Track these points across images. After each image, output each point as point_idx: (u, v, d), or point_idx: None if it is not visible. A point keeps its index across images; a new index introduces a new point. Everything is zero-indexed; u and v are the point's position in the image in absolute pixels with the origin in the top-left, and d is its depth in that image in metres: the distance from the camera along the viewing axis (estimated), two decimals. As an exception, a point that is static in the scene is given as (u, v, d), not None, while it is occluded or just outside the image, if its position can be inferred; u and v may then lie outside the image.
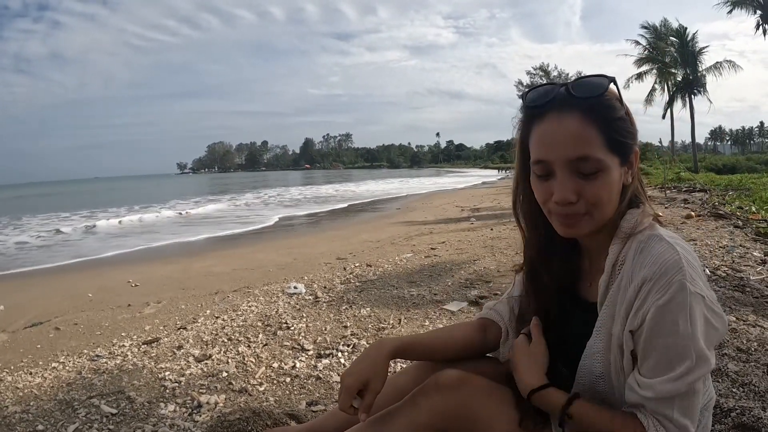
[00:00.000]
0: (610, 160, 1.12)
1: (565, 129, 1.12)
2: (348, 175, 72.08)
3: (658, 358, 1.06)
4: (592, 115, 1.11)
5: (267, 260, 7.34)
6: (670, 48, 34.15)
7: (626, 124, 1.15)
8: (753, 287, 3.79)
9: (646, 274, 1.07)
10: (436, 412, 1.28)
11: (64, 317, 4.42)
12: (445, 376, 1.32)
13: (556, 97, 1.15)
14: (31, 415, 2.32)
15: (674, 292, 1.03)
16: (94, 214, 21.10)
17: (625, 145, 1.14)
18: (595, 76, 1.16)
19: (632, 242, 1.15)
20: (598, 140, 1.11)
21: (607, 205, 1.15)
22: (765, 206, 9.12)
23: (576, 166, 1.12)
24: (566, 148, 1.11)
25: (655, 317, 1.05)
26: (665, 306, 1.03)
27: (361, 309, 3.82)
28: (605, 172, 1.12)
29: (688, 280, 1.03)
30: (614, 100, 1.15)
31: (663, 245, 1.10)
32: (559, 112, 1.13)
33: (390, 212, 16.40)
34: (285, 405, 2.34)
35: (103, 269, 7.83)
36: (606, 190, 1.13)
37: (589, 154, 1.10)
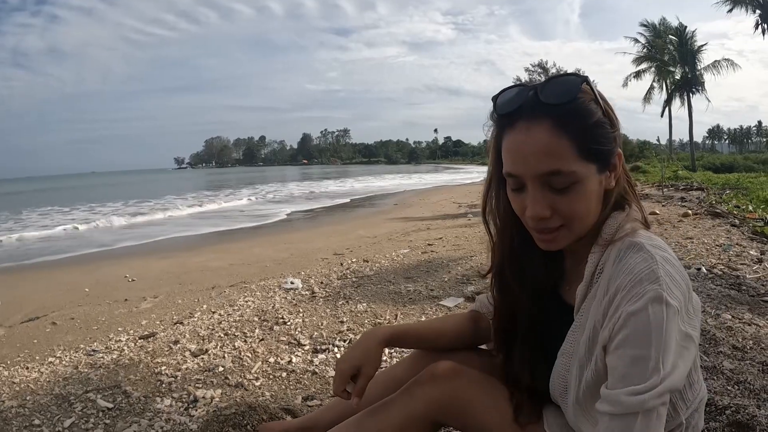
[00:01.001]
0: (585, 169, 1.05)
1: (533, 142, 1.05)
2: (345, 171, 71.88)
3: (626, 370, 0.95)
4: (563, 124, 1.04)
5: (264, 255, 7.35)
6: (669, 46, 34.23)
7: (603, 128, 1.08)
8: (749, 285, 3.81)
9: (620, 283, 1.00)
10: (431, 403, 1.30)
11: (61, 312, 4.43)
12: (441, 367, 1.33)
13: (524, 104, 1.07)
14: (28, 410, 2.33)
15: (647, 301, 0.95)
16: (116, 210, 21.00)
17: (602, 151, 1.07)
18: (566, 75, 1.09)
19: (612, 250, 1.09)
20: (570, 151, 1.04)
21: (585, 216, 1.09)
22: (762, 205, 9.16)
23: (547, 181, 1.05)
24: (535, 162, 1.05)
25: (625, 326, 0.96)
26: (637, 315, 0.95)
27: (358, 304, 3.83)
28: (580, 183, 1.05)
29: (664, 290, 0.95)
30: (588, 102, 1.07)
31: (641, 254, 1.02)
32: (528, 122, 1.06)
33: (387, 208, 16.41)
34: (281, 400, 2.35)
35: (100, 264, 7.83)
36: (582, 202, 1.07)
37: (560, 168, 1.03)
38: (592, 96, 1.08)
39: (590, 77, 1.09)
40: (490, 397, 1.30)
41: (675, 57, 33.98)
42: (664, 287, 0.95)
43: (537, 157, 1.04)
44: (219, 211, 18.32)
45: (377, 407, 1.36)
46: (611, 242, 1.09)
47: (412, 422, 1.30)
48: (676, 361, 0.95)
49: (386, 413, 1.33)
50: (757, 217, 7.51)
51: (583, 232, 1.12)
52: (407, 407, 1.31)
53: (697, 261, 4.66)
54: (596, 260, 1.11)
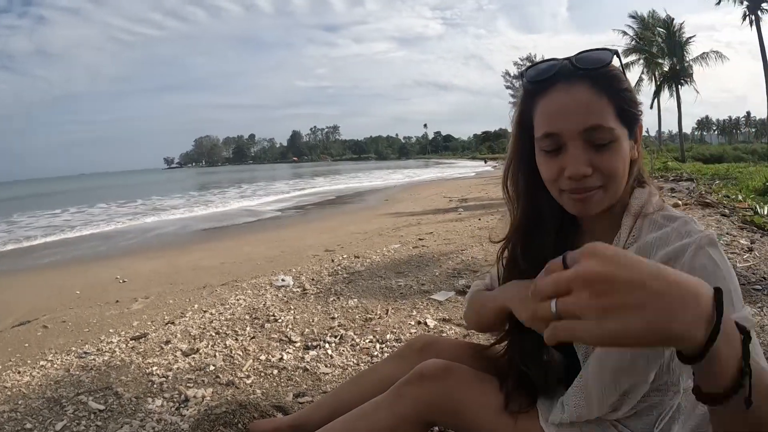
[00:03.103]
0: (620, 130, 1.08)
1: (575, 99, 1.07)
2: (336, 169, 71.78)
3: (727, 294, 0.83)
4: (600, 85, 1.07)
5: (255, 253, 7.33)
6: (657, 38, 34.38)
7: (632, 95, 1.11)
8: (740, 274, 3.84)
9: (671, 248, 1.02)
10: (421, 403, 1.30)
11: (52, 315, 4.41)
12: (429, 366, 1.33)
13: (561, 70, 1.10)
14: (20, 414, 2.33)
15: (708, 246, 0.97)
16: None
17: (633, 116, 1.11)
18: (598, 49, 1.12)
19: (644, 220, 1.12)
20: (609, 109, 1.07)
21: (621, 177, 1.11)
22: (751, 195, 9.22)
23: (589, 137, 1.07)
24: (578, 117, 1.06)
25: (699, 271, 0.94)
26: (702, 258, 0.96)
27: (349, 300, 3.84)
28: (617, 142, 1.08)
29: (713, 235, 1.00)
30: (619, 71, 1.11)
31: (680, 220, 1.06)
32: (567, 84, 1.08)
33: (378, 203, 16.39)
34: (272, 397, 2.36)
35: (91, 265, 7.79)
36: (620, 161, 1.09)
37: (601, 123, 1.06)
38: (620, 69, 1.12)
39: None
40: (481, 394, 1.30)
41: (663, 49, 34.19)
42: (713, 233, 1.00)
43: (580, 112, 1.06)
44: (214, 214, 18.25)
45: (367, 408, 1.36)
46: (642, 213, 1.12)
47: (402, 423, 1.30)
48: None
49: (376, 414, 1.33)
50: (747, 207, 7.56)
51: (616, 197, 1.12)
52: (397, 408, 1.31)
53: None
54: (629, 227, 1.13)
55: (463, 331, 3.06)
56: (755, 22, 28.45)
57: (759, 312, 3.03)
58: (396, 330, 3.14)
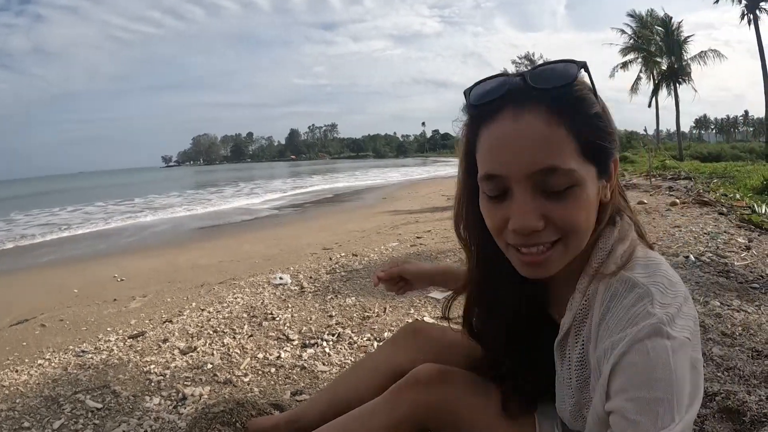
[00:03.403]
0: (584, 170, 0.88)
1: (524, 131, 0.86)
2: (334, 167, 71.77)
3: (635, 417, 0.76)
4: (559, 111, 0.85)
5: (253, 251, 7.35)
6: (656, 37, 34.47)
7: (604, 122, 0.90)
8: (737, 273, 3.84)
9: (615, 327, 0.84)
10: (416, 409, 1.27)
11: (50, 314, 4.42)
12: (424, 371, 1.31)
13: (511, 89, 0.88)
14: (17, 413, 2.33)
15: (645, 337, 0.78)
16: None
17: (603, 150, 0.90)
18: (560, 61, 0.90)
19: (600, 284, 0.92)
20: (569, 145, 0.86)
21: (585, 231, 0.91)
22: (749, 193, 9.22)
23: (540, 182, 0.86)
24: (526, 157, 0.85)
25: (626, 369, 0.79)
26: (636, 354, 0.78)
27: (347, 298, 3.84)
28: (580, 186, 0.87)
29: (664, 323, 0.79)
30: (587, 91, 0.90)
31: (635, 292, 0.85)
32: (516, 110, 0.87)
33: (376, 202, 16.41)
34: (270, 395, 2.36)
35: (89, 264, 7.81)
36: (583, 210, 0.89)
37: (557, 164, 0.85)
38: (590, 86, 0.91)
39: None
40: (479, 399, 1.26)
41: (662, 47, 34.28)
42: (664, 320, 0.79)
43: (529, 151, 0.85)
44: (212, 213, 18.25)
45: (362, 412, 1.34)
46: (601, 274, 0.92)
47: (396, 428, 1.28)
48: (693, 396, 0.81)
49: (372, 419, 1.30)
50: (745, 205, 7.56)
51: (578, 252, 0.94)
52: (392, 414, 1.28)
53: (685, 249, 4.69)
54: (583, 291, 0.95)
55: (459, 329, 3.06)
56: (754, 21, 28.53)
57: (757, 310, 3.03)
58: (394, 328, 3.14)
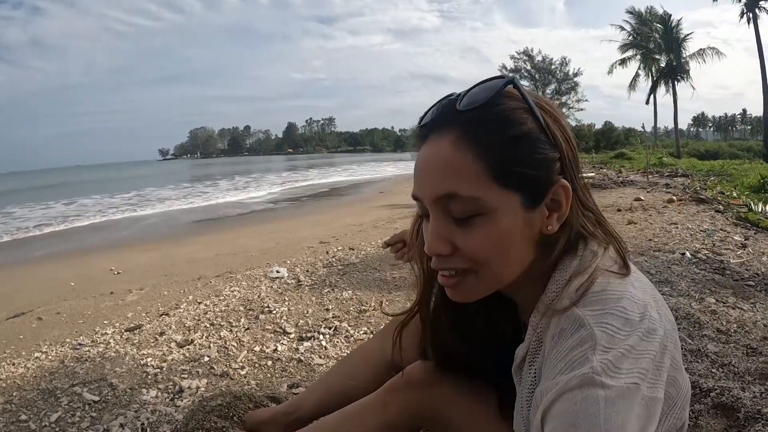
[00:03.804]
0: (499, 198, 0.82)
1: (432, 156, 0.86)
2: (332, 161, 71.67)
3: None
4: (470, 134, 0.82)
5: (250, 245, 7.35)
6: (655, 34, 34.47)
7: (532, 146, 0.83)
8: (733, 270, 3.85)
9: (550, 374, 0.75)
10: (408, 410, 1.24)
11: (47, 307, 4.42)
12: (416, 372, 1.27)
13: (441, 113, 0.88)
14: (14, 406, 2.33)
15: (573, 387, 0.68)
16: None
17: (528, 177, 0.82)
18: (489, 79, 0.87)
19: (552, 320, 0.83)
20: (475, 170, 0.81)
21: (499, 264, 0.85)
22: (746, 191, 9.27)
23: (446, 207, 0.84)
24: (430, 181, 0.85)
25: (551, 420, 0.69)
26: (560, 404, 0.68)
27: (343, 292, 3.85)
28: (487, 216, 0.82)
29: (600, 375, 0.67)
30: (513, 110, 0.84)
31: (578, 335, 0.75)
32: (438, 134, 0.86)
33: (373, 195, 16.42)
34: (266, 388, 2.37)
35: (86, 257, 7.80)
36: (490, 242, 0.83)
37: (455, 190, 0.82)
38: (522, 103, 0.85)
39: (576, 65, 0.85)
40: (471, 400, 1.22)
41: (660, 45, 34.29)
42: (600, 369, 0.68)
43: (433, 175, 0.85)
44: (209, 206, 18.22)
45: (354, 411, 1.31)
46: (552, 309, 0.83)
47: (389, 430, 1.25)
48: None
49: (362, 420, 1.28)
50: (741, 203, 7.59)
51: (502, 284, 0.89)
52: (384, 415, 1.25)
53: (681, 246, 4.70)
54: (535, 326, 0.88)
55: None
56: (753, 20, 28.48)
57: (752, 308, 3.04)
58: (389, 320, 3.14)
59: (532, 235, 0.85)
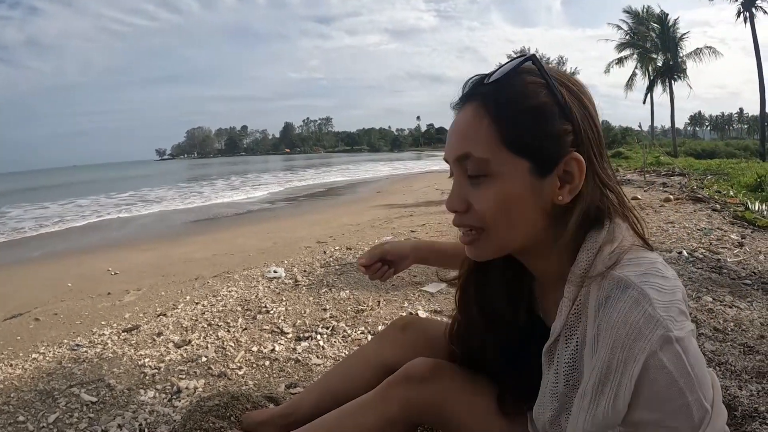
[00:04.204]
0: (508, 163, 0.89)
1: (457, 122, 0.96)
2: (329, 161, 71.66)
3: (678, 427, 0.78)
4: (487, 104, 0.91)
5: (247, 245, 7.35)
6: (651, 33, 34.49)
7: (545, 118, 0.89)
8: (730, 269, 3.86)
9: (617, 338, 0.80)
10: (407, 405, 1.26)
11: (44, 308, 4.40)
12: (416, 367, 1.29)
13: (471, 87, 0.97)
14: (12, 407, 2.32)
15: (661, 352, 0.76)
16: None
17: (537, 146, 0.89)
18: (516, 58, 0.95)
19: (591, 288, 0.88)
20: (488, 135, 0.89)
21: (505, 226, 0.92)
22: (743, 190, 9.28)
23: (463, 167, 0.93)
24: (452, 143, 0.95)
25: (647, 387, 0.78)
26: (654, 370, 0.77)
27: (341, 292, 3.85)
28: (495, 178, 0.90)
29: (671, 330, 0.77)
30: (529, 84, 0.90)
31: (630, 294, 0.81)
32: (466, 104, 0.95)
33: (370, 195, 16.42)
34: (264, 388, 2.37)
35: (83, 258, 7.79)
36: (497, 203, 0.90)
37: (470, 151, 0.91)
38: (539, 78, 0.91)
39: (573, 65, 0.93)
40: (471, 396, 1.25)
41: (657, 44, 34.31)
42: (668, 325, 0.78)
43: (454, 138, 0.95)
44: (205, 206, 18.21)
45: (353, 408, 1.33)
46: (590, 277, 0.89)
47: (389, 424, 1.27)
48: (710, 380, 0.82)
49: (364, 414, 1.30)
50: (738, 202, 7.61)
51: (509, 247, 0.97)
52: (384, 409, 1.27)
53: (678, 245, 4.72)
54: (572, 298, 0.92)
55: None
56: (749, 19, 28.49)
57: (749, 306, 3.05)
58: (387, 321, 3.14)
59: (543, 204, 0.91)
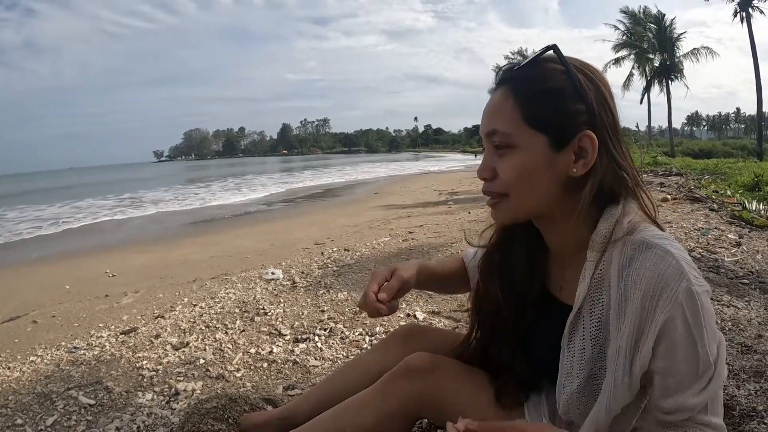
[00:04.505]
0: (529, 138, 1.01)
1: (489, 104, 1.08)
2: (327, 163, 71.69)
3: (683, 374, 0.93)
4: (513, 86, 1.04)
5: (245, 247, 7.35)
6: (648, 34, 34.50)
7: (561, 98, 1.01)
8: (727, 268, 3.87)
9: (647, 289, 0.92)
10: (407, 398, 1.28)
11: (42, 310, 4.41)
12: (416, 360, 1.32)
13: (503, 73, 1.09)
14: (10, 410, 2.32)
15: (684, 302, 0.90)
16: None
17: (553, 123, 1.01)
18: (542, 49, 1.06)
19: (613, 251, 0.99)
20: (513, 113, 1.02)
21: (525, 192, 1.05)
22: (740, 190, 9.28)
23: (491, 141, 1.06)
24: (485, 120, 1.08)
25: (670, 333, 0.91)
26: (679, 319, 0.90)
27: (339, 293, 3.84)
28: (516, 149, 1.02)
29: (692, 283, 0.91)
30: (549, 70, 1.02)
31: (655, 252, 0.93)
32: (497, 88, 1.08)
33: (368, 196, 16.42)
34: (262, 390, 2.37)
35: (80, 260, 7.78)
36: (518, 171, 1.03)
37: (497, 127, 1.04)
38: (559, 65, 1.03)
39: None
40: (469, 388, 1.28)
41: (654, 44, 34.30)
42: (692, 279, 0.91)
43: (486, 116, 1.08)
44: (203, 208, 18.19)
45: (353, 403, 1.35)
46: (609, 243, 1.00)
47: (388, 418, 1.29)
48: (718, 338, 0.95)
49: (363, 409, 1.32)
50: (736, 202, 7.60)
51: (527, 211, 1.09)
52: (383, 403, 1.30)
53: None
54: (595, 261, 1.02)
55: (452, 324, 3.08)
56: (746, 19, 28.51)
57: (746, 306, 3.05)
58: (385, 323, 3.14)
59: (558, 175, 1.03)
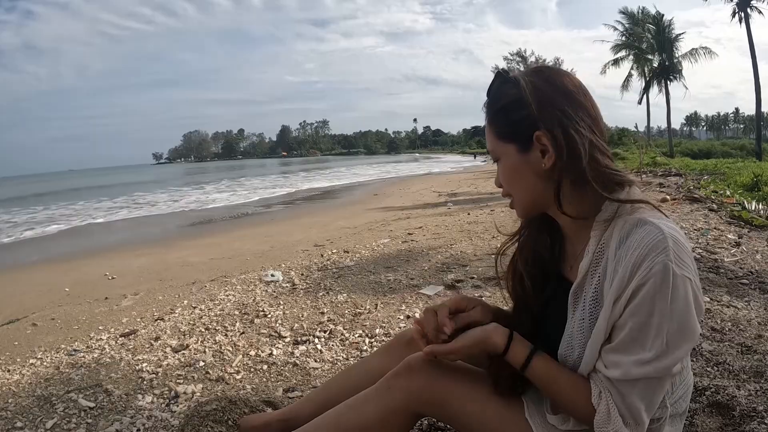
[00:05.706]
0: (502, 149, 1.21)
1: None
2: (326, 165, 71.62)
3: (631, 339, 1.03)
4: (486, 112, 1.24)
5: (244, 248, 7.34)
6: (647, 34, 34.48)
7: (514, 110, 1.16)
8: (727, 269, 3.87)
9: (630, 259, 1.02)
10: (409, 395, 1.30)
11: (41, 313, 4.39)
12: (418, 358, 1.33)
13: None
14: (10, 413, 2.31)
15: (656, 273, 0.99)
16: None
17: (514, 132, 1.17)
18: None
19: (614, 227, 1.10)
20: (489, 134, 1.24)
21: (521, 191, 1.22)
22: (739, 190, 9.30)
23: (492, 158, 1.26)
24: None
25: (635, 296, 1.01)
26: (646, 285, 1.00)
27: (338, 295, 3.85)
28: (500, 160, 1.23)
29: (672, 261, 0.99)
30: (503, 91, 1.19)
31: (647, 228, 1.03)
32: None
33: (367, 198, 16.42)
34: (262, 392, 2.37)
35: (80, 263, 7.76)
36: (504, 175, 1.24)
37: (487, 147, 1.25)
38: (510, 82, 1.19)
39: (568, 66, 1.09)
40: (469, 385, 1.31)
41: (653, 45, 34.27)
42: (672, 257, 0.99)
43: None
44: (202, 210, 18.18)
45: (356, 401, 1.36)
46: (611, 220, 1.11)
47: (391, 415, 1.31)
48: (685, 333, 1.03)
49: (365, 407, 1.33)
50: (735, 202, 7.63)
51: (531, 205, 1.24)
52: (386, 400, 1.31)
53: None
54: (598, 237, 1.13)
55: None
56: (744, 19, 28.48)
57: (746, 306, 3.06)
58: (385, 324, 3.15)
59: (537, 172, 1.16)
